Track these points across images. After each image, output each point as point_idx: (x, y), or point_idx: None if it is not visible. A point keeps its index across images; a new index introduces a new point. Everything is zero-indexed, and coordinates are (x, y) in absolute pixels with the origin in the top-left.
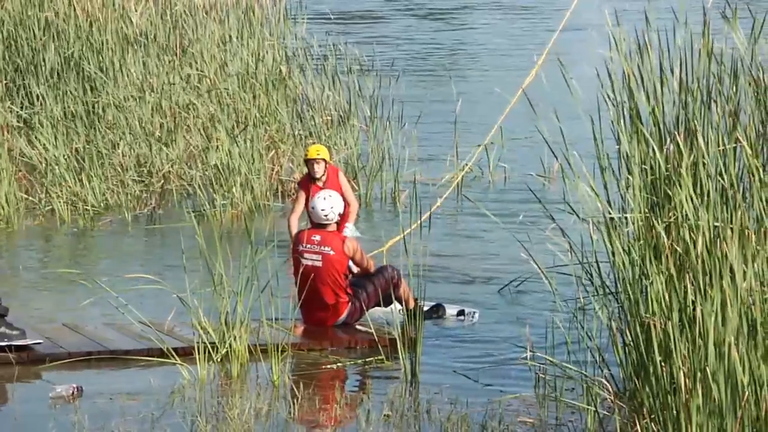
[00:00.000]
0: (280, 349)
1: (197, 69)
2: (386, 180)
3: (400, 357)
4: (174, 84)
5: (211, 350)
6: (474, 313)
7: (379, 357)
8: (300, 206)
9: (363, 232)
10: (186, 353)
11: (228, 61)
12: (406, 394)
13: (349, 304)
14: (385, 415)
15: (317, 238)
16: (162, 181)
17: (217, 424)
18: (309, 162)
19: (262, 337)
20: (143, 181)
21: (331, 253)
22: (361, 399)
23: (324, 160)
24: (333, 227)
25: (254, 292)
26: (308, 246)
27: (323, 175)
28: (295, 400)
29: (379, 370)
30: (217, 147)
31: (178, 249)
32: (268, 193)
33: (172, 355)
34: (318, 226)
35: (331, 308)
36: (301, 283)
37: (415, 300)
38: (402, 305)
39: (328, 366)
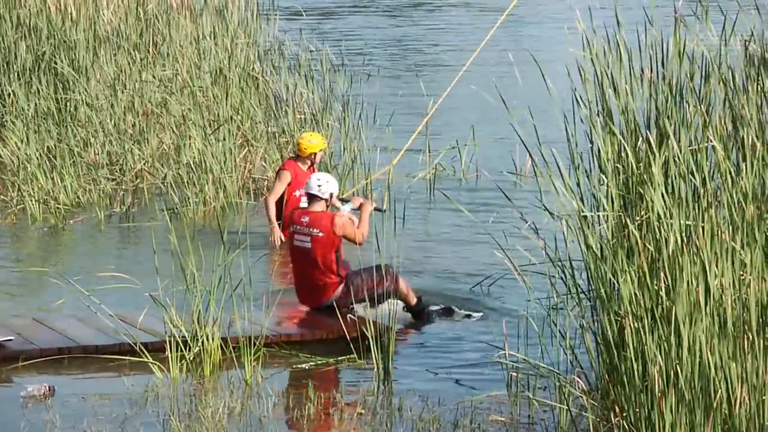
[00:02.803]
0: (253, 348)
1: (170, 67)
2: (358, 178)
3: (373, 355)
4: (147, 82)
5: (183, 348)
6: (479, 315)
7: (352, 356)
8: (282, 188)
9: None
10: (158, 348)
11: (201, 60)
12: (378, 392)
13: (340, 285)
14: (357, 414)
15: (306, 219)
16: (135, 179)
17: (191, 423)
18: (313, 153)
19: (233, 333)
20: (115, 179)
21: (320, 234)
22: (333, 397)
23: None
24: (322, 205)
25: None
26: (298, 227)
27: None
28: (269, 399)
29: (352, 369)
30: (190, 145)
31: (151, 247)
32: (240, 192)
33: (144, 354)
34: (309, 199)
35: (319, 289)
36: (293, 264)
37: (419, 298)
38: (404, 303)
39: (302, 365)
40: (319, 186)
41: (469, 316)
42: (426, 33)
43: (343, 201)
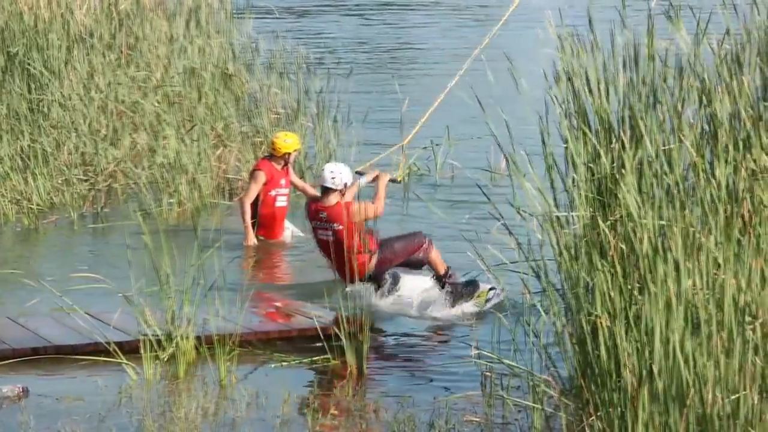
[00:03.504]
0: (227, 348)
1: (143, 67)
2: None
3: (347, 356)
4: (120, 83)
5: (157, 349)
6: (501, 290)
7: (326, 356)
8: (257, 188)
9: (307, 232)
10: (132, 348)
11: (174, 60)
12: (352, 393)
13: (374, 257)
14: (331, 415)
15: (324, 215)
16: (108, 180)
17: (164, 424)
18: (288, 153)
19: (207, 334)
20: (89, 180)
21: (340, 227)
22: (307, 398)
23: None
24: (337, 196)
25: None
26: (317, 223)
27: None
28: (242, 400)
29: (325, 369)
30: (164, 145)
31: (124, 248)
32: (214, 192)
33: (118, 354)
34: (323, 192)
35: (356, 268)
36: (323, 252)
37: (447, 267)
38: (433, 270)
39: (275, 365)
40: (332, 178)
41: (492, 288)
42: (397, 33)
43: (359, 174)
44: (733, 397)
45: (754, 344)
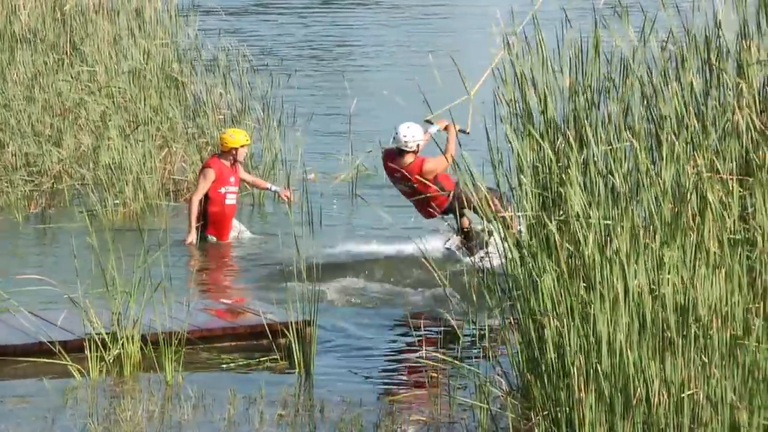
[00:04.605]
0: (173, 348)
1: (88, 68)
2: (280, 180)
3: (295, 356)
4: (64, 82)
5: (103, 350)
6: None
7: (274, 357)
8: (206, 186)
9: (254, 232)
10: (77, 348)
11: (119, 60)
12: (300, 393)
13: (450, 196)
14: (278, 415)
15: (398, 175)
16: (53, 181)
17: (109, 426)
18: (239, 148)
19: (154, 333)
20: (33, 181)
21: (416, 185)
22: (254, 399)
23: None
24: (411, 157)
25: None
26: (395, 180)
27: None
28: (189, 401)
29: (273, 370)
30: (109, 146)
31: (70, 249)
32: (160, 193)
33: (63, 355)
34: (399, 152)
35: (435, 209)
36: (404, 196)
37: (469, 221)
38: (460, 223)
39: (222, 365)
40: (406, 141)
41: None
42: (338, 31)
43: (428, 123)
44: (679, 396)
45: (698, 343)
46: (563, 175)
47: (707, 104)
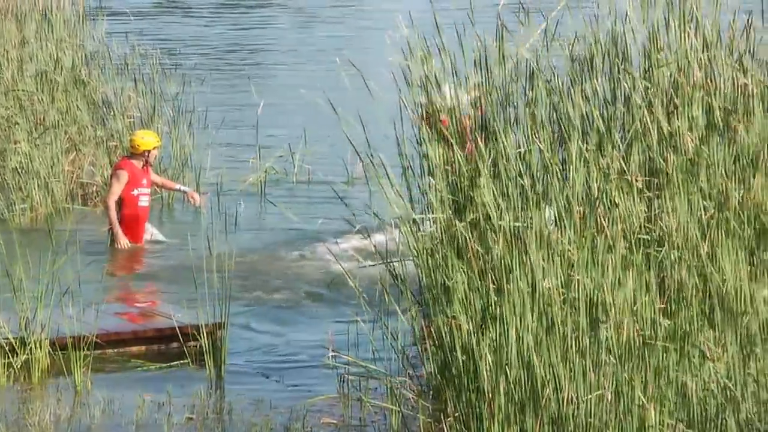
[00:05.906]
0: (82, 353)
1: None
2: (189, 182)
3: (205, 358)
4: None
5: (10, 356)
6: None
7: (185, 360)
8: (120, 188)
9: (166, 235)
10: None
11: (26, 63)
12: (209, 396)
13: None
14: (187, 418)
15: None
16: None
17: (17, 431)
18: (151, 150)
19: (62, 338)
20: None
21: None
22: (163, 402)
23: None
24: None
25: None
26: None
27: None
28: (98, 406)
29: (183, 373)
30: (15, 149)
31: None
32: (68, 197)
33: None
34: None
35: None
36: None
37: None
38: None
39: (132, 369)
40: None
41: None
42: (241, 33)
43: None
44: (588, 396)
45: (607, 344)
46: (474, 177)
47: (615, 106)
